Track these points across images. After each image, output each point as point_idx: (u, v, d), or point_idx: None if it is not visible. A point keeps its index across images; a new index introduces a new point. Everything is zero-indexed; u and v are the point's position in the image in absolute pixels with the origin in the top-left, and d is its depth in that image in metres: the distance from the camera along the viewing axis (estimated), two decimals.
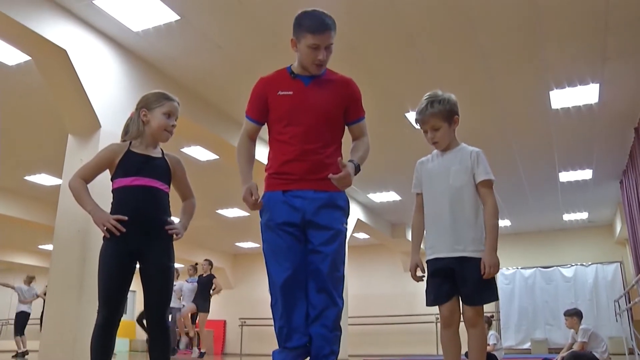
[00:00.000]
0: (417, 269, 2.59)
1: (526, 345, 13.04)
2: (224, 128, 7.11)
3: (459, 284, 2.46)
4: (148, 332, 2.55)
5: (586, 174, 9.70)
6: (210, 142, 7.37)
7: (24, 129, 7.78)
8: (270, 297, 2.47)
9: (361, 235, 14.01)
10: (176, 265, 2.77)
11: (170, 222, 2.57)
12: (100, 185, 2.77)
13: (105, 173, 2.61)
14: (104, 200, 2.55)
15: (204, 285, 9.22)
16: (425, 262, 2.58)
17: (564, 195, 10.94)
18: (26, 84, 6.37)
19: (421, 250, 2.67)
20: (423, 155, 2.77)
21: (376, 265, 15.58)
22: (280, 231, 2.43)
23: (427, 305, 2.57)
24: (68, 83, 5.08)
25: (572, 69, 6.11)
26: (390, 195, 11.18)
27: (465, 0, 4.90)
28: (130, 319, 14.20)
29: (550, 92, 6.63)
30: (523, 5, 4.98)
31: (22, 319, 10.56)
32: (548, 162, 9.09)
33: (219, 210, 12.20)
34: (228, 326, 16.86)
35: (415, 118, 2.70)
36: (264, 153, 2.63)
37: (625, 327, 9.68)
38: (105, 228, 2.42)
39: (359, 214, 11.48)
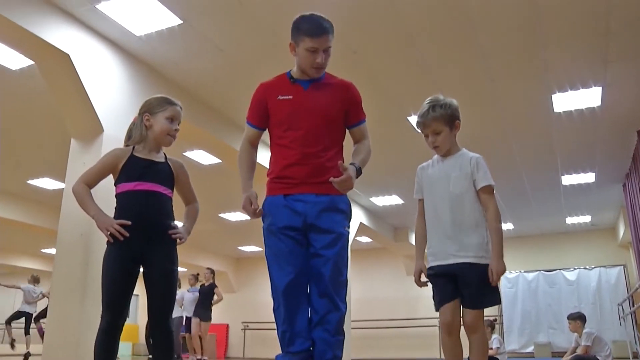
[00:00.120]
0: (422, 275, 2.59)
1: (529, 349, 13.00)
2: (227, 132, 7.12)
3: (461, 287, 2.46)
4: (151, 343, 2.55)
5: (589, 177, 9.68)
6: (213, 146, 7.37)
7: (27, 133, 7.80)
8: (272, 301, 2.47)
9: (364, 239, 13.99)
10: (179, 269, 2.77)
11: (173, 227, 2.58)
12: (104, 190, 2.77)
13: (108, 178, 2.62)
14: (108, 205, 2.56)
15: (205, 295, 9.17)
16: (427, 269, 2.59)
17: (566, 198, 10.92)
18: (29, 88, 6.39)
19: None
20: (426, 159, 2.77)
21: (379, 269, 15.56)
22: (282, 235, 2.43)
23: (436, 310, 2.56)
24: (71, 87, 5.10)
25: (574, 71, 6.10)
26: (393, 199, 11.17)
27: (465, 0, 4.90)
28: (133, 322, 14.21)
29: (553, 96, 6.62)
30: (523, 6, 4.98)
31: (26, 319, 10.59)
32: (551, 166, 9.08)
33: (222, 214, 12.21)
34: (231, 330, 16.85)
35: (416, 121, 2.71)
36: (266, 157, 2.63)
37: (629, 331, 9.66)
38: (108, 233, 2.43)
39: (361, 217, 11.47)
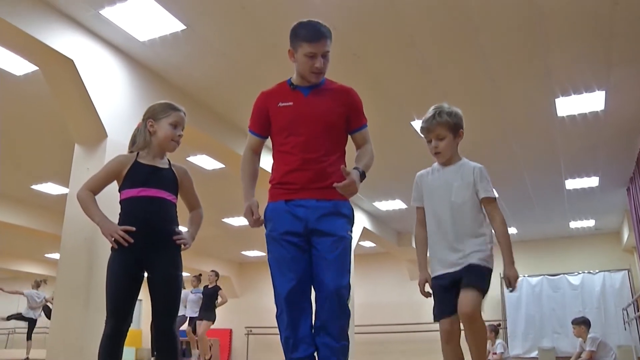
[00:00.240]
0: (426, 285, 2.60)
1: (533, 354, 12.93)
2: (230, 136, 7.13)
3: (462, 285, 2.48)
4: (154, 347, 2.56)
5: (593, 182, 9.65)
6: (216, 151, 7.38)
7: (31, 138, 7.82)
8: (275, 308, 2.46)
9: (367, 244, 13.97)
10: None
11: (178, 232, 2.58)
12: (108, 197, 2.78)
13: (113, 184, 2.62)
14: (112, 211, 2.57)
15: (209, 297, 9.11)
16: (432, 278, 2.60)
17: (570, 202, 10.89)
18: (33, 94, 6.41)
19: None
20: (430, 164, 2.77)
21: (382, 273, 15.53)
22: (283, 242, 2.44)
23: (435, 320, 2.60)
24: (75, 93, 5.11)
25: (577, 74, 6.08)
26: (397, 204, 11.16)
27: (466, 0, 4.90)
28: (136, 327, 14.20)
29: (556, 100, 6.61)
30: (523, 6, 4.96)
31: (29, 324, 10.67)
32: (554, 170, 9.05)
33: (225, 219, 12.20)
34: (234, 335, 16.82)
35: (420, 127, 2.71)
36: (270, 161, 2.64)
37: (634, 336, 9.62)
38: (113, 239, 2.43)
39: (364, 222, 11.46)
